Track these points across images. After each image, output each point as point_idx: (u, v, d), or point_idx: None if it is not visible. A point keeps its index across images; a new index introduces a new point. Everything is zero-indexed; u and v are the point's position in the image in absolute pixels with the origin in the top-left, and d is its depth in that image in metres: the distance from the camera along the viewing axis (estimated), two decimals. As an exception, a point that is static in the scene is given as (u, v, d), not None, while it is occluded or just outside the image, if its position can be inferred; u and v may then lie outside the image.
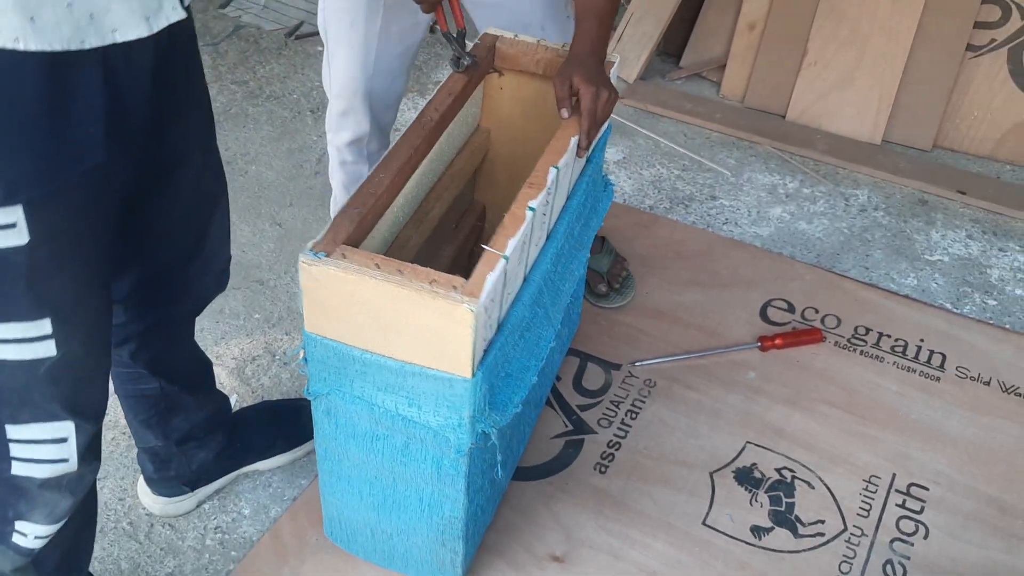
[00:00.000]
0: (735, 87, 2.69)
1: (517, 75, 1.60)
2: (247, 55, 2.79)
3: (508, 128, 1.68)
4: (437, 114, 1.40)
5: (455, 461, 1.28)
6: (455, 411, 1.21)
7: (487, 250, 1.17)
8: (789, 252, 2.21)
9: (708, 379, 1.88)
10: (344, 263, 1.13)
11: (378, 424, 1.28)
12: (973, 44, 2.47)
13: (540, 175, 1.30)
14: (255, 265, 2.12)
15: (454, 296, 1.10)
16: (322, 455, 1.39)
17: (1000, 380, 1.90)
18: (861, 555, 1.61)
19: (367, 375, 1.22)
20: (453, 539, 1.41)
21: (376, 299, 1.14)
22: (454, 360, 1.16)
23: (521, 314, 1.29)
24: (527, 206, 1.24)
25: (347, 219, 1.20)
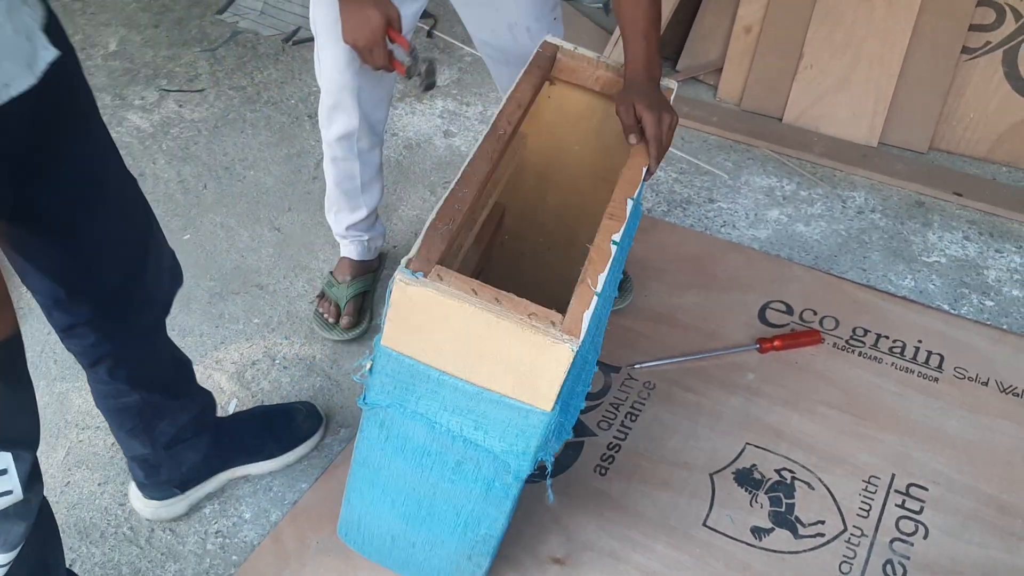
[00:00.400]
0: (732, 90, 2.70)
1: (568, 87, 1.59)
2: (244, 61, 2.79)
3: (546, 136, 1.67)
4: (510, 127, 1.38)
5: (508, 485, 1.28)
6: (523, 439, 1.20)
7: (582, 285, 1.16)
8: (787, 254, 2.22)
9: (707, 381, 1.89)
10: (442, 286, 1.12)
11: (434, 442, 1.27)
12: (968, 47, 2.48)
13: (619, 207, 1.29)
14: (254, 270, 2.13)
15: (553, 333, 1.09)
16: (360, 461, 1.37)
17: (998, 380, 1.91)
18: (861, 555, 1.61)
19: (437, 394, 1.21)
20: (482, 555, 1.41)
21: (469, 325, 1.12)
22: (540, 393, 1.15)
23: (587, 344, 1.29)
24: (611, 239, 1.23)
25: (438, 236, 1.18)
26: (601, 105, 1.58)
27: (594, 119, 1.60)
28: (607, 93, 1.54)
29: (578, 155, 1.65)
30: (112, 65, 2.75)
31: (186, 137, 2.49)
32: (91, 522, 1.64)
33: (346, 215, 1.94)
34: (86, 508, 1.66)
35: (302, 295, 2.07)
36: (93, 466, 1.72)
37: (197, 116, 2.57)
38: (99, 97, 2.60)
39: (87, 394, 1.84)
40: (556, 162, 1.67)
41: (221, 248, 2.18)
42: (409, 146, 2.50)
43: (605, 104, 1.57)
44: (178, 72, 2.74)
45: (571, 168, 1.66)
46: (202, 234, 2.21)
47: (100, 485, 1.69)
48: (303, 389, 1.87)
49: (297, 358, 1.93)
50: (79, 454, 1.74)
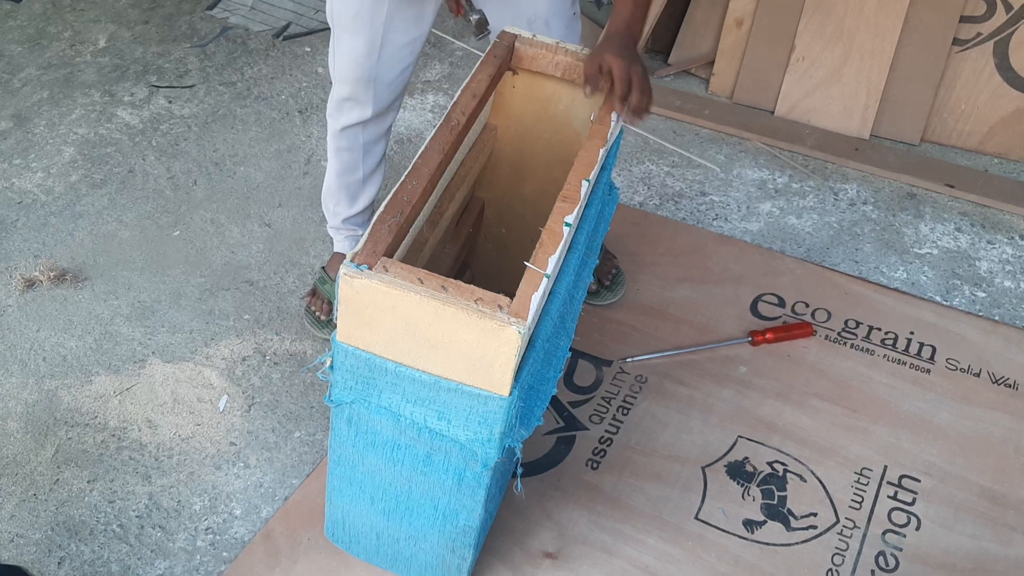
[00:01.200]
0: (724, 84, 2.70)
1: (531, 75, 1.59)
2: (235, 56, 2.78)
3: (516, 126, 1.67)
4: (464, 117, 1.38)
5: (479, 474, 1.27)
6: (487, 426, 1.20)
7: (529, 268, 1.16)
8: (779, 247, 2.21)
9: (699, 374, 1.88)
10: (387, 277, 1.12)
11: (402, 435, 1.27)
12: (959, 38, 2.47)
13: (573, 188, 1.29)
14: (244, 266, 2.12)
15: (500, 316, 1.09)
16: (335, 460, 1.37)
17: (990, 371, 1.91)
18: (854, 547, 1.61)
19: (397, 387, 1.21)
20: (464, 547, 1.41)
21: (418, 314, 1.12)
22: (494, 378, 1.15)
23: (548, 328, 1.28)
24: (563, 221, 1.23)
25: (385, 228, 1.18)
26: (565, 91, 1.57)
27: (560, 106, 1.60)
28: (568, 78, 1.54)
29: (548, 144, 1.64)
30: (102, 62, 2.74)
31: (176, 133, 2.48)
32: (80, 520, 1.63)
33: (345, 207, 1.93)
34: (75, 506, 1.65)
35: (293, 291, 2.06)
36: (82, 463, 1.71)
37: (187, 112, 2.56)
38: (88, 94, 2.60)
39: (76, 391, 1.83)
40: (528, 153, 1.67)
41: (211, 244, 2.17)
42: (400, 141, 2.49)
43: (569, 89, 1.57)
44: (168, 68, 2.72)
45: (543, 157, 1.66)
46: (192, 230, 2.20)
47: (89, 483, 1.68)
48: (293, 385, 1.86)
49: (288, 354, 1.92)
50: (68, 451, 1.73)
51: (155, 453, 1.74)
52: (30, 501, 1.66)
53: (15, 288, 2.03)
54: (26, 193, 2.28)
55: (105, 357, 1.90)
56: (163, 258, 2.13)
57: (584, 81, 1.44)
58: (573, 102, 1.58)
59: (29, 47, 2.79)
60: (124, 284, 2.06)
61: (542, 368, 1.29)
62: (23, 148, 2.41)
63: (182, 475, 1.70)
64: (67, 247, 2.14)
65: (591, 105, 1.53)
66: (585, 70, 1.44)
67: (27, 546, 1.59)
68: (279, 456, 1.74)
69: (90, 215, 2.22)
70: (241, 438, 1.77)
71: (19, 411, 1.80)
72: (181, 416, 1.80)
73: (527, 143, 1.66)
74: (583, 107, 1.57)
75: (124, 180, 2.31)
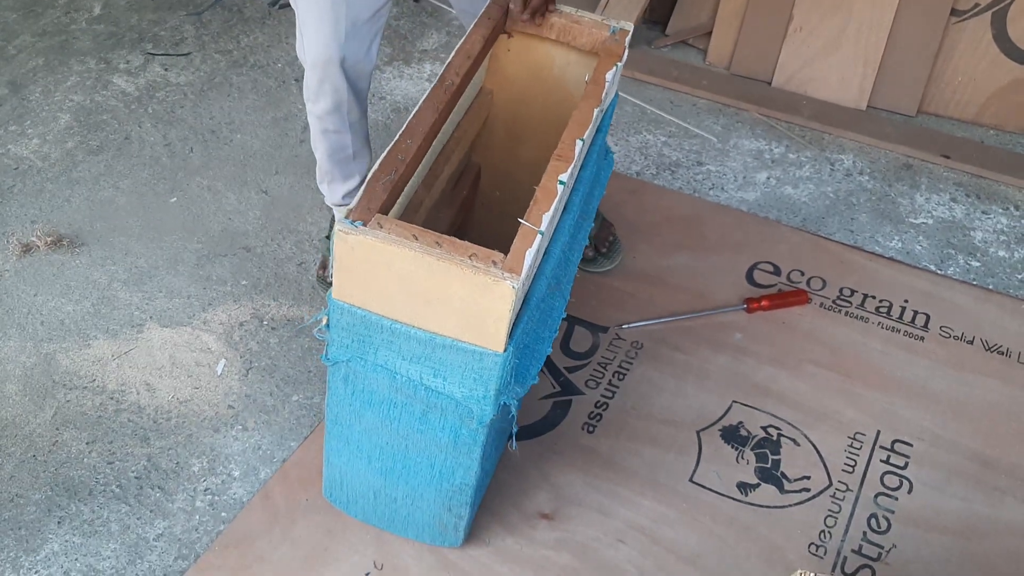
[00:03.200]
0: (721, 54, 2.69)
1: (526, 38, 1.59)
2: (230, 24, 2.77)
3: (511, 90, 1.67)
4: (458, 78, 1.38)
5: (474, 432, 1.28)
6: (482, 383, 1.21)
7: (523, 224, 1.16)
8: (775, 216, 2.22)
9: (695, 340, 1.90)
10: (382, 233, 1.12)
11: (398, 392, 1.27)
12: (957, 9, 2.47)
13: (567, 148, 1.29)
14: (242, 232, 2.12)
15: (494, 271, 1.10)
16: (332, 419, 1.38)
17: (983, 339, 1.92)
18: (846, 509, 1.63)
19: (393, 344, 1.22)
20: (460, 505, 1.42)
21: (412, 270, 1.13)
22: (488, 334, 1.16)
23: (543, 287, 1.29)
24: (557, 179, 1.24)
25: (380, 186, 1.18)
26: (560, 53, 1.58)
27: (554, 68, 1.60)
28: (563, 40, 1.55)
29: (543, 106, 1.65)
30: (97, 29, 2.72)
31: (172, 101, 2.48)
32: (80, 480, 1.64)
33: (339, 184, 1.92)
34: (74, 467, 1.66)
35: (290, 257, 2.06)
36: (81, 425, 1.72)
37: (183, 80, 2.55)
38: (84, 61, 2.58)
39: (74, 355, 1.84)
40: (524, 116, 1.67)
41: (208, 211, 2.17)
42: (397, 109, 2.49)
43: (564, 52, 1.57)
44: (164, 36, 2.71)
45: (538, 121, 1.66)
46: (189, 197, 2.20)
47: (88, 444, 1.69)
48: (291, 350, 1.87)
49: (285, 319, 1.93)
50: (67, 414, 1.74)
51: (153, 416, 1.75)
52: (29, 462, 1.66)
53: (12, 253, 2.03)
54: (22, 159, 2.28)
55: (103, 321, 1.91)
56: (160, 224, 2.13)
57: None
58: (568, 64, 1.58)
59: (24, 14, 2.77)
60: (121, 250, 2.06)
61: (537, 327, 1.30)
62: (19, 115, 2.40)
63: (180, 437, 1.71)
64: (64, 213, 2.14)
65: (585, 67, 1.54)
66: None
67: (27, 506, 1.60)
68: (277, 419, 1.75)
69: (87, 181, 2.22)
70: (239, 401, 1.77)
71: (18, 374, 1.80)
72: (179, 380, 1.81)
73: (522, 106, 1.66)
74: (577, 69, 1.57)
75: (120, 147, 2.30)
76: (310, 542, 1.54)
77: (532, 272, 1.20)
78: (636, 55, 2.70)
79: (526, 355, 1.29)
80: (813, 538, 1.59)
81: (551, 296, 1.38)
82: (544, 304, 1.34)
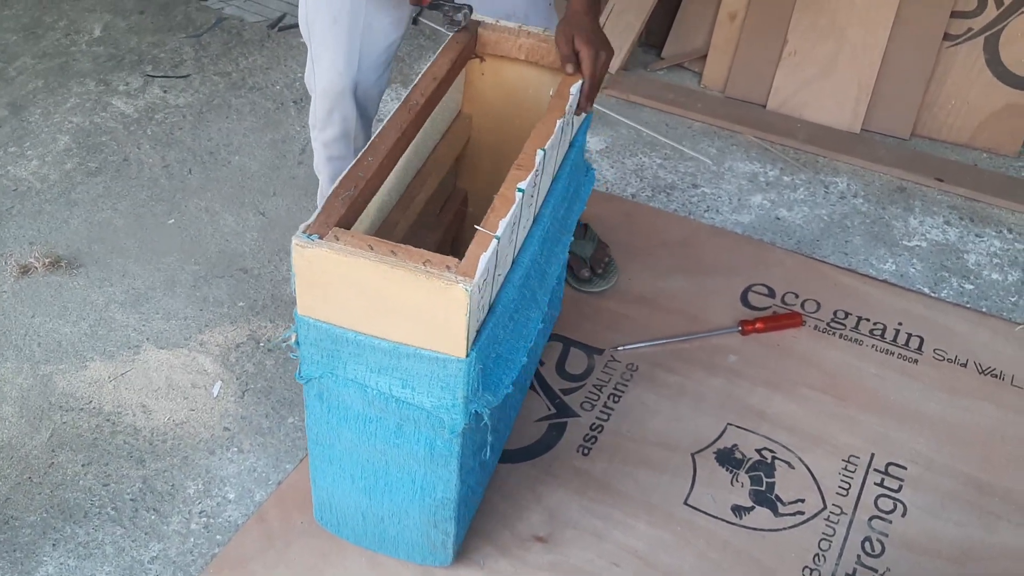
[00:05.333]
0: (716, 77, 2.71)
1: (498, 60, 1.61)
2: (230, 47, 2.79)
3: (490, 114, 1.69)
4: (423, 98, 1.41)
5: (448, 442, 1.29)
6: (449, 391, 1.22)
7: (479, 230, 1.18)
8: (770, 239, 2.23)
9: (690, 363, 1.90)
10: (337, 245, 1.14)
11: (371, 406, 1.29)
12: (950, 33, 2.49)
13: (528, 157, 1.31)
14: (239, 254, 2.13)
15: (448, 276, 1.11)
16: (313, 439, 1.39)
17: (977, 362, 1.93)
18: (840, 532, 1.63)
19: (360, 357, 1.23)
20: (445, 520, 1.42)
21: (369, 280, 1.14)
22: (448, 340, 1.17)
23: (511, 295, 1.30)
24: (516, 187, 1.26)
25: (338, 201, 1.21)
26: (532, 74, 1.60)
27: (529, 89, 1.62)
28: (533, 60, 1.57)
29: (522, 129, 1.66)
30: (97, 51, 2.74)
31: (171, 122, 2.49)
32: (75, 503, 1.64)
33: None
34: (70, 489, 1.66)
35: (286, 279, 2.07)
36: (77, 447, 1.72)
37: (182, 102, 2.57)
38: (84, 83, 2.60)
39: (71, 376, 1.84)
40: (505, 140, 1.69)
41: (206, 232, 2.18)
42: (394, 132, 2.51)
43: (536, 72, 1.60)
44: (163, 58, 2.73)
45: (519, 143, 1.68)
46: (187, 218, 2.21)
47: (84, 466, 1.69)
48: (287, 371, 1.87)
49: (289, 337, 1.94)
50: (63, 435, 1.74)
51: (149, 437, 1.75)
52: (25, 484, 1.67)
53: (10, 274, 2.04)
54: (21, 181, 2.29)
55: (100, 343, 1.91)
56: (157, 246, 2.14)
57: (562, 62, 1.47)
58: (540, 84, 1.61)
59: (24, 36, 2.79)
60: (119, 271, 2.07)
61: (508, 336, 1.31)
62: (18, 136, 2.42)
63: (176, 459, 1.72)
64: (62, 234, 2.15)
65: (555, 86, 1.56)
66: (560, 48, 1.47)
67: (22, 528, 1.60)
68: (272, 441, 1.75)
69: (85, 203, 2.23)
70: (235, 423, 1.78)
71: (14, 396, 1.81)
72: (175, 401, 1.81)
73: (503, 131, 1.68)
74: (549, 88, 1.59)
75: (119, 168, 2.32)
76: (304, 565, 1.54)
77: (491, 278, 1.21)
78: (632, 78, 2.72)
79: (498, 364, 1.30)
80: (807, 561, 1.59)
81: (525, 307, 1.39)
82: (516, 314, 1.35)
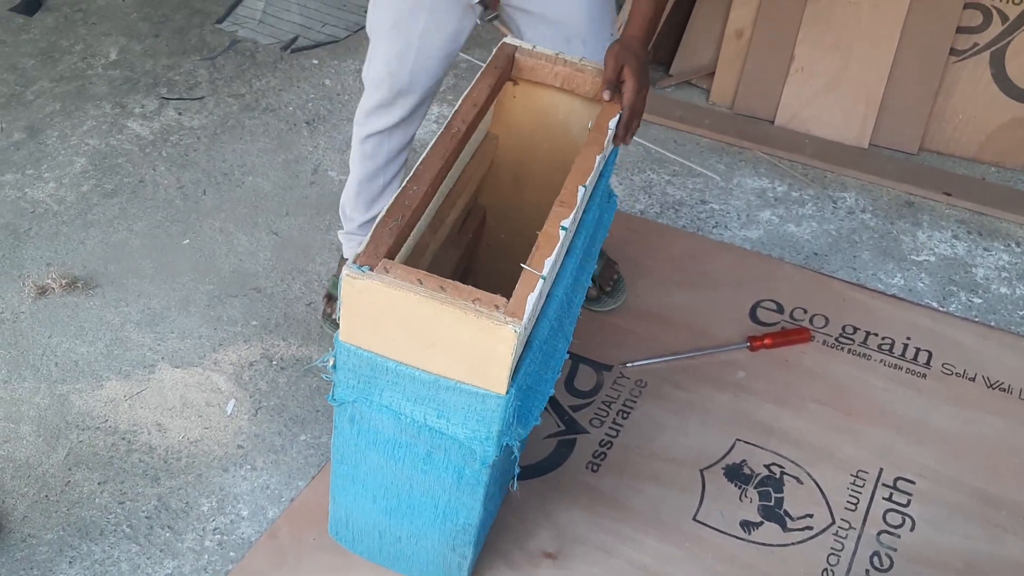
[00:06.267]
0: (724, 93, 2.73)
1: (532, 85, 1.62)
2: (243, 69, 2.83)
3: (516, 135, 1.70)
4: (464, 125, 1.42)
5: (477, 472, 1.31)
6: (484, 425, 1.23)
7: (525, 269, 1.19)
8: (778, 254, 2.25)
9: (698, 379, 1.92)
10: (388, 278, 1.16)
11: (402, 433, 1.30)
12: (956, 48, 2.51)
13: (570, 194, 1.32)
14: (252, 273, 2.16)
15: (497, 316, 1.13)
16: (338, 459, 1.41)
17: (985, 376, 1.94)
18: (849, 547, 1.63)
19: (398, 386, 1.24)
20: (464, 544, 1.44)
21: (417, 314, 1.16)
22: (490, 377, 1.19)
23: (544, 329, 1.32)
24: (559, 225, 1.27)
25: (386, 231, 1.22)
26: (564, 100, 1.61)
27: (559, 115, 1.64)
28: (568, 88, 1.58)
29: (548, 152, 1.68)
30: (113, 74, 2.79)
31: (186, 144, 2.53)
32: (91, 520, 1.67)
33: (362, 213, 1.96)
34: (86, 507, 1.69)
35: (299, 297, 2.10)
36: (93, 466, 1.75)
37: (197, 123, 2.61)
38: (100, 106, 2.65)
39: (87, 396, 1.87)
40: (529, 161, 1.71)
41: (220, 252, 2.21)
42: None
43: (568, 99, 1.61)
44: (178, 80, 2.77)
45: (543, 165, 1.70)
46: (201, 239, 2.25)
47: (100, 484, 1.72)
48: (300, 390, 1.90)
49: (294, 359, 1.96)
50: (79, 454, 1.77)
51: (164, 456, 1.77)
52: (42, 503, 1.69)
53: (28, 295, 2.08)
54: (38, 203, 2.33)
55: (115, 362, 1.94)
56: (172, 266, 2.17)
57: (603, 86, 1.48)
58: (572, 111, 1.62)
59: (42, 60, 2.84)
60: (134, 291, 2.10)
61: (540, 369, 1.32)
62: (36, 159, 2.46)
63: (190, 477, 1.74)
64: (78, 255, 2.19)
65: (588, 114, 1.57)
66: (607, 71, 1.48)
67: (39, 546, 1.63)
68: (285, 459, 1.77)
69: (101, 224, 2.27)
70: (248, 441, 1.80)
71: (32, 415, 1.84)
72: (190, 420, 1.84)
73: (527, 151, 1.70)
74: (581, 116, 1.61)
75: (135, 190, 2.36)
76: (317, 581, 1.56)
77: (534, 316, 1.23)
78: (640, 95, 2.74)
79: (528, 396, 1.31)
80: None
81: (553, 338, 1.40)
82: (546, 346, 1.37)
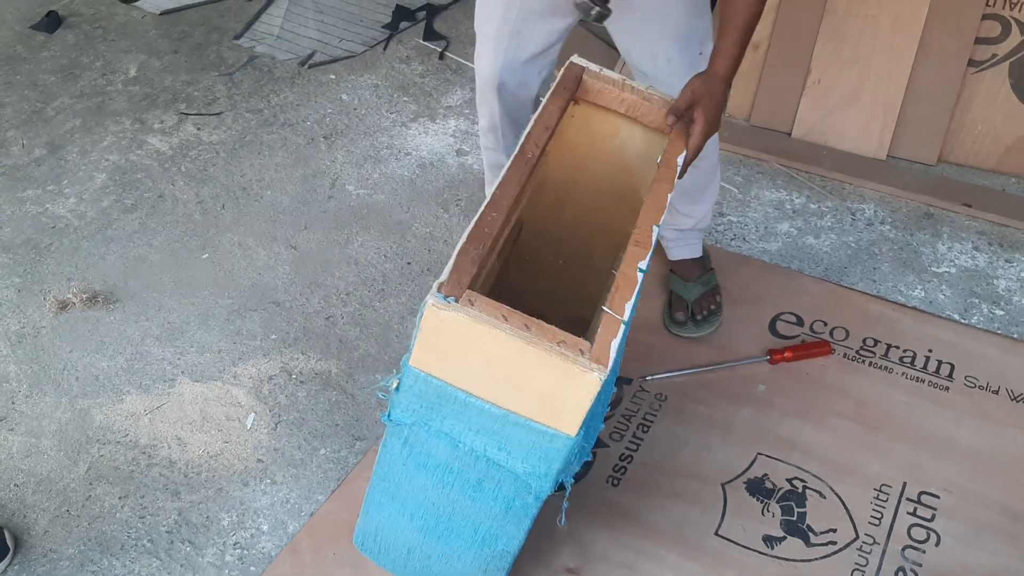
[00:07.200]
0: (741, 106, 2.73)
1: (592, 108, 1.60)
2: (261, 84, 2.85)
3: (569, 155, 1.69)
4: (538, 149, 1.40)
5: (528, 504, 1.30)
6: (546, 462, 1.22)
7: (606, 312, 1.17)
8: (797, 267, 2.24)
9: (718, 393, 1.90)
10: (473, 311, 1.13)
11: (457, 460, 1.29)
12: (975, 60, 2.50)
13: (645, 234, 1.30)
14: (271, 287, 2.16)
15: (583, 362, 1.11)
16: (381, 475, 1.39)
17: (1009, 389, 1.92)
18: (873, 563, 1.62)
19: (463, 415, 1.23)
20: (498, 570, 1.43)
21: (499, 350, 1.14)
22: (562, 418, 1.17)
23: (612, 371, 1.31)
24: (637, 267, 1.24)
25: (468, 260, 1.19)
26: (625, 125, 1.60)
27: (617, 139, 1.62)
28: (631, 115, 1.56)
29: (597, 173, 1.67)
30: (132, 90, 2.81)
31: (204, 159, 2.55)
32: (112, 535, 1.67)
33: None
34: (107, 521, 1.69)
35: (318, 311, 2.10)
36: (114, 480, 1.75)
37: (215, 139, 2.62)
38: (119, 121, 2.67)
39: (108, 410, 1.88)
40: (574, 179, 1.70)
41: (239, 266, 2.22)
42: (422, 165, 2.54)
43: (629, 125, 1.59)
44: (197, 96, 2.79)
45: (588, 186, 1.69)
46: (220, 253, 2.25)
47: (120, 499, 1.72)
48: (319, 403, 1.90)
49: (313, 373, 1.96)
50: (100, 469, 1.77)
51: (184, 470, 1.78)
52: (63, 517, 1.70)
53: (49, 310, 2.09)
54: (59, 218, 2.35)
55: (136, 377, 1.95)
56: (192, 280, 2.18)
57: (669, 111, 1.46)
58: (631, 138, 1.61)
59: (62, 77, 2.87)
60: (154, 306, 2.11)
61: (596, 405, 1.32)
62: (56, 175, 2.48)
63: (211, 491, 1.74)
64: (99, 270, 2.20)
65: (647, 143, 1.55)
66: (678, 100, 1.47)
67: (60, 560, 1.63)
68: (305, 473, 1.77)
69: (121, 239, 2.28)
70: (268, 455, 1.80)
71: (53, 429, 1.84)
72: (210, 434, 1.84)
73: (576, 171, 1.68)
74: (640, 144, 1.59)
75: (154, 205, 2.37)
76: (337, 597, 1.56)
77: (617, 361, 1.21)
78: (657, 108, 2.74)
79: (586, 434, 1.30)
80: (840, 593, 1.58)
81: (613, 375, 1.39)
82: (607, 385, 1.36)
